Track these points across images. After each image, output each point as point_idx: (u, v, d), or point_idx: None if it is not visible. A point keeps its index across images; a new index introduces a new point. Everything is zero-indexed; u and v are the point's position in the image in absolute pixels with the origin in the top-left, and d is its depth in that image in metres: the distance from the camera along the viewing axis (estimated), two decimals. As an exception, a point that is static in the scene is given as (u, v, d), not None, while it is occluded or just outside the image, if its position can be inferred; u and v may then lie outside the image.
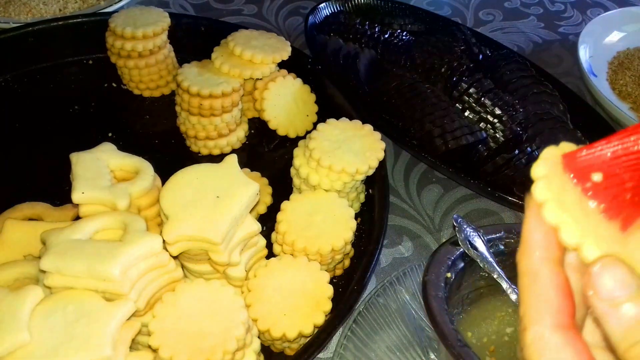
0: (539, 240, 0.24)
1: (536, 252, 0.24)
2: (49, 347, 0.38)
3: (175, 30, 0.73)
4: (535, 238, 0.25)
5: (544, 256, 0.24)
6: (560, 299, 0.24)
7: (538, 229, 0.25)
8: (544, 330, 0.23)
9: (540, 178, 0.24)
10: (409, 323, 0.53)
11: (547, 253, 0.24)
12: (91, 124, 0.70)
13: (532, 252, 0.25)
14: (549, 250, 0.24)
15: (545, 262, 0.24)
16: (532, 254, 0.24)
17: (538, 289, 0.24)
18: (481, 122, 0.72)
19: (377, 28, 0.84)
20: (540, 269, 0.24)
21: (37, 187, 0.61)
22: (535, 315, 0.24)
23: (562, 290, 0.24)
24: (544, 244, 0.24)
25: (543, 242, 0.24)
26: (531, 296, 0.24)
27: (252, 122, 0.71)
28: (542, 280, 0.24)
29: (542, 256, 0.24)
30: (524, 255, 0.25)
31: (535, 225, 0.25)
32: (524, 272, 0.25)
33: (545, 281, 0.24)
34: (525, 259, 0.25)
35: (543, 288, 0.24)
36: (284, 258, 0.51)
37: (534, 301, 0.24)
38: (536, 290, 0.24)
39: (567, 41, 0.97)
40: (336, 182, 0.55)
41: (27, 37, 0.74)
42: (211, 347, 0.41)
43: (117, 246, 0.42)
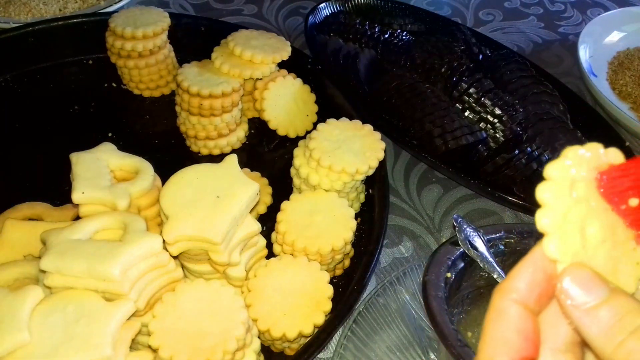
0: (521, 285, 0.24)
1: (511, 293, 0.24)
2: (49, 347, 0.38)
3: (175, 30, 0.73)
4: (517, 281, 0.24)
5: (517, 299, 0.24)
6: (520, 342, 0.23)
7: (525, 276, 0.24)
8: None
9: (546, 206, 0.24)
10: (409, 323, 0.53)
11: (523, 299, 0.24)
12: (91, 124, 0.70)
13: (507, 292, 0.24)
14: (527, 296, 0.24)
15: (516, 304, 0.24)
16: (507, 293, 0.24)
17: (500, 328, 0.24)
18: (481, 122, 0.72)
19: (377, 28, 0.84)
20: (508, 309, 0.24)
21: (37, 187, 0.61)
22: (492, 353, 0.23)
23: (524, 335, 0.24)
24: (523, 288, 0.24)
25: (524, 287, 0.24)
26: (491, 333, 0.24)
27: (252, 122, 0.71)
28: (507, 320, 0.24)
29: (515, 298, 0.24)
30: (500, 292, 0.25)
31: (526, 272, 0.24)
32: (493, 307, 0.24)
33: (509, 321, 0.24)
34: (498, 296, 0.25)
35: (505, 327, 0.24)
36: (284, 258, 0.51)
37: (493, 339, 0.24)
38: (498, 328, 0.24)
39: (567, 41, 0.97)
40: (336, 182, 0.55)
41: (27, 37, 0.74)
42: (211, 347, 0.41)
43: (117, 246, 0.42)
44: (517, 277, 0.24)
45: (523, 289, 0.24)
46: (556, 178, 0.24)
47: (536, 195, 0.24)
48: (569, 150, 0.24)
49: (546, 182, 0.24)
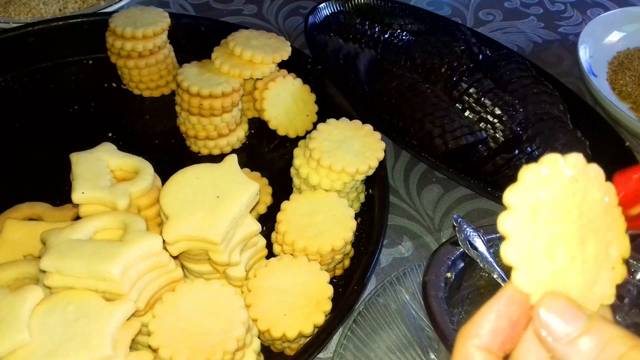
0: (483, 331, 0.24)
1: (474, 340, 0.24)
2: (49, 347, 0.38)
3: (175, 30, 0.73)
4: (480, 327, 0.24)
5: (480, 345, 0.24)
6: None
7: (489, 320, 0.24)
8: None
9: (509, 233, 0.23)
10: (409, 323, 0.53)
11: (485, 345, 0.24)
12: (91, 124, 0.70)
13: (469, 337, 0.24)
14: (489, 342, 0.24)
15: (480, 351, 0.24)
16: (469, 339, 0.24)
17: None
18: (481, 122, 0.72)
19: (377, 28, 0.84)
20: (474, 355, 0.24)
21: (37, 187, 0.61)
22: None
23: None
24: (486, 336, 0.24)
25: (487, 333, 0.24)
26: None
27: (252, 122, 0.71)
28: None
29: (479, 345, 0.24)
30: (461, 337, 0.25)
31: (489, 317, 0.24)
32: (457, 353, 0.24)
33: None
34: (460, 342, 0.24)
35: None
36: (284, 258, 0.51)
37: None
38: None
39: (567, 41, 0.97)
40: (336, 182, 0.55)
41: (27, 37, 0.74)
42: (211, 347, 0.41)
43: (117, 246, 0.42)
44: (480, 324, 0.24)
45: (485, 335, 0.24)
46: (516, 206, 0.24)
47: (498, 227, 0.24)
48: (525, 172, 0.24)
49: (507, 212, 0.24)
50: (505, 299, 0.24)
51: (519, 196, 0.24)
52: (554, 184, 0.24)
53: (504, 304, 0.24)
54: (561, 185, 0.24)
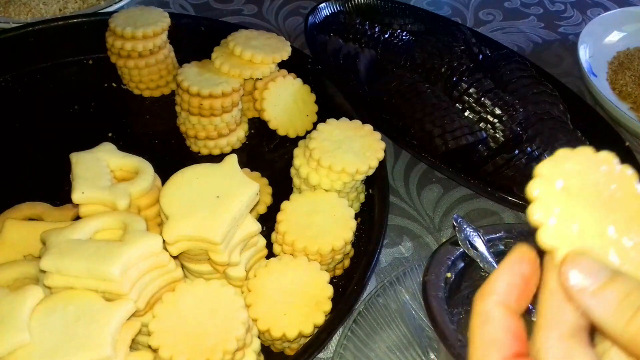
0: (500, 287, 0.26)
1: (493, 297, 0.25)
2: (49, 347, 0.38)
3: (175, 30, 0.73)
4: (497, 284, 0.26)
5: (499, 301, 0.25)
6: (509, 339, 0.25)
7: (503, 277, 0.26)
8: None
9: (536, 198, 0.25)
10: (409, 323, 0.53)
11: (504, 300, 0.25)
12: (91, 124, 0.70)
13: (488, 295, 0.26)
14: (506, 297, 0.25)
15: (499, 306, 0.25)
16: (488, 297, 0.26)
17: (487, 329, 0.25)
18: (481, 122, 0.72)
19: (377, 28, 0.84)
20: (492, 311, 0.25)
21: (37, 187, 0.61)
22: (483, 354, 0.24)
23: (511, 331, 0.25)
24: (503, 291, 0.25)
25: (503, 289, 0.25)
26: (479, 336, 0.25)
27: (252, 122, 0.71)
28: (492, 321, 0.25)
29: (497, 300, 0.25)
30: (480, 297, 0.26)
31: (502, 273, 0.26)
32: (476, 313, 0.26)
33: (495, 322, 0.25)
34: (479, 301, 0.26)
35: (492, 328, 0.25)
36: (284, 258, 0.51)
37: (482, 341, 0.25)
38: (485, 330, 0.25)
39: (567, 41, 0.97)
40: (336, 182, 0.55)
41: (27, 37, 0.74)
42: (211, 347, 0.41)
43: (117, 246, 0.42)
44: (496, 282, 0.26)
45: (502, 291, 0.25)
46: (546, 175, 0.25)
47: (527, 193, 0.25)
48: (560, 150, 0.26)
49: (536, 179, 0.25)
50: (516, 258, 0.26)
51: (549, 167, 0.26)
52: (583, 164, 0.26)
53: (515, 262, 0.26)
54: (590, 166, 0.26)
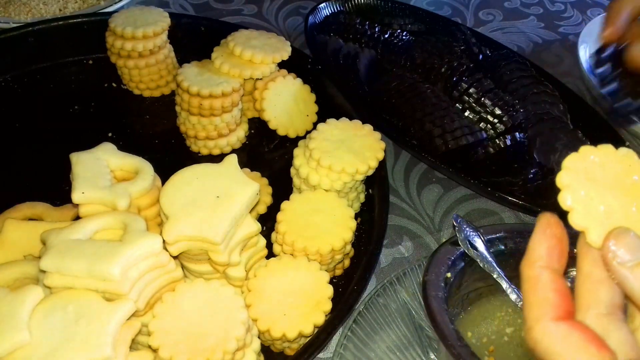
0: (541, 253, 0.28)
1: (538, 262, 0.28)
2: (49, 347, 0.38)
3: (175, 30, 0.73)
4: (538, 250, 0.28)
5: (544, 265, 0.28)
6: (558, 298, 0.27)
7: (542, 243, 0.28)
8: (548, 324, 0.27)
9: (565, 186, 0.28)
10: (409, 323, 0.53)
11: (547, 263, 0.28)
12: (91, 124, 0.70)
13: (534, 262, 0.28)
14: (549, 261, 0.28)
15: (545, 270, 0.28)
16: (534, 263, 0.28)
17: (539, 292, 0.28)
18: (481, 122, 0.72)
19: (377, 28, 0.84)
20: (540, 275, 0.28)
21: (37, 187, 0.61)
22: (539, 313, 0.27)
23: (559, 291, 0.27)
24: (545, 255, 0.28)
25: (544, 254, 0.28)
26: (533, 298, 0.28)
27: (252, 122, 0.71)
28: (542, 284, 0.28)
29: (542, 265, 0.28)
30: (526, 264, 0.29)
31: (540, 240, 0.28)
32: (527, 278, 0.28)
33: (544, 285, 0.28)
34: (526, 268, 0.29)
35: (542, 290, 0.28)
36: (284, 258, 0.51)
37: (536, 302, 0.27)
38: (537, 293, 0.28)
39: (567, 41, 0.97)
40: (336, 182, 0.55)
41: (27, 37, 0.74)
42: (211, 347, 0.41)
43: (117, 246, 0.42)
44: (537, 247, 0.28)
45: (545, 255, 0.28)
46: (572, 166, 0.28)
47: (556, 182, 0.28)
48: (584, 147, 0.29)
49: (564, 170, 0.28)
50: (545, 224, 0.29)
51: (575, 160, 0.28)
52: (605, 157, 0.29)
53: (546, 227, 0.29)
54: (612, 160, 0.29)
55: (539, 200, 0.63)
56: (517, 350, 0.48)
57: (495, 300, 0.49)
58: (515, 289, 0.47)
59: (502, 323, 0.49)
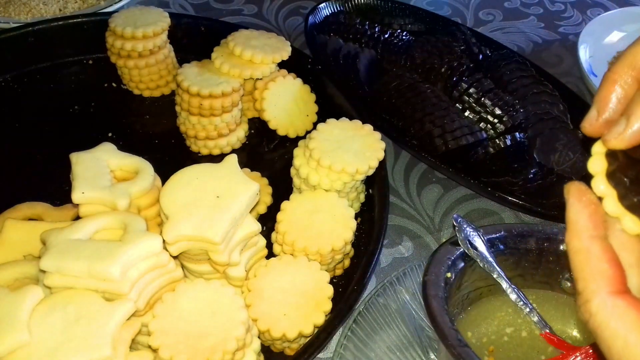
0: (585, 222, 0.28)
1: (585, 232, 0.27)
2: (49, 347, 0.38)
3: (175, 30, 0.73)
4: (581, 220, 0.28)
5: (592, 235, 0.27)
6: (613, 269, 0.27)
7: (583, 212, 0.28)
8: (606, 298, 0.26)
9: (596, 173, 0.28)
10: (409, 323, 0.53)
11: (595, 232, 0.27)
12: (91, 124, 0.70)
13: (580, 232, 0.27)
14: (595, 229, 0.27)
15: (594, 239, 0.27)
16: (581, 234, 0.27)
17: (592, 264, 0.27)
18: (481, 122, 0.72)
19: (377, 28, 0.84)
20: (591, 246, 0.27)
21: (37, 187, 0.61)
22: (595, 287, 0.26)
23: (613, 262, 0.27)
24: (590, 224, 0.27)
25: (589, 223, 0.27)
26: (587, 271, 0.27)
27: (252, 122, 0.71)
28: (594, 255, 0.27)
29: (590, 235, 0.27)
30: (574, 236, 0.28)
31: (580, 209, 0.28)
32: (576, 251, 0.28)
33: (597, 256, 0.27)
34: (575, 240, 0.28)
35: (596, 262, 0.27)
36: (284, 258, 0.51)
37: (591, 275, 0.27)
38: (591, 265, 0.27)
39: (567, 41, 0.97)
40: (336, 182, 0.55)
41: (27, 37, 0.74)
42: (211, 347, 0.41)
43: (117, 246, 0.42)
44: (579, 217, 0.28)
45: (590, 224, 0.27)
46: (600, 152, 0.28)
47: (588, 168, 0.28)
48: None
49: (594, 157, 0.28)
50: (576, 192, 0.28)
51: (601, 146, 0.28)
52: None
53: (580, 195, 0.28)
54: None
55: (539, 200, 0.63)
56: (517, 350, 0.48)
57: (495, 300, 0.49)
58: (515, 289, 0.47)
59: (502, 323, 0.49)
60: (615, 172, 0.27)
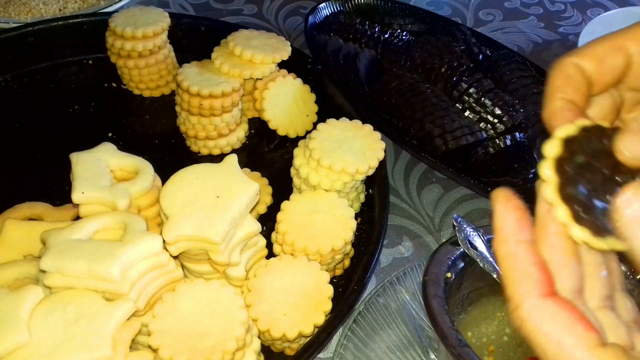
0: (511, 227, 0.27)
1: (511, 237, 0.27)
2: (49, 347, 0.38)
3: (175, 30, 0.73)
4: (507, 226, 0.27)
5: (518, 239, 0.27)
6: (540, 272, 0.26)
7: (509, 218, 0.27)
8: (536, 301, 0.26)
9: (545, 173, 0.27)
10: (409, 323, 0.53)
11: (521, 236, 0.27)
12: (91, 124, 0.70)
13: (507, 238, 0.27)
14: (522, 234, 0.27)
15: (520, 244, 0.27)
16: (508, 239, 0.27)
17: (519, 268, 0.26)
18: (481, 122, 0.72)
19: (377, 28, 0.84)
20: (518, 251, 0.27)
21: (37, 187, 0.61)
22: (523, 291, 0.26)
23: (540, 265, 0.26)
24: (516, 229, 0.27)
25: (515, 228, 0.27)
26: (515, 275, 0.27)
27: (252, 122, 0.71)
28: (521, 259, 0.27)
29: (516, 240, 0.27)
30: (501, 242, 0.27)
31: (506, 215, 0.27)
32: (504, 257, 0.27)
33: (524, 260, 0.27)
34: (502, 246, 0.27)
35: (523, 266, 0.26)
36: (284, 258, 0.51)
37: (519, 279, 0.26)
38: (518, 269, 0.26)
39: (567, 41, 0.97)
40: (336, 182, 0.55)
41: (27, 37, 0.74)
42: (211, 347, 0.41)
43: (117, 246, 0.42)
44: (505, 223, 0.27)
45: (516, 228, 0.27)
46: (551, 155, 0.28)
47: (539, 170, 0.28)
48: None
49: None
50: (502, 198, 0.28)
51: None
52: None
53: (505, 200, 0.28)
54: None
55: (539, 200, 0.63)
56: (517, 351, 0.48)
57: (495, 300, 0.49)
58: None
59: (502, 323, 0.49)
60: (564, 159, 0.27)
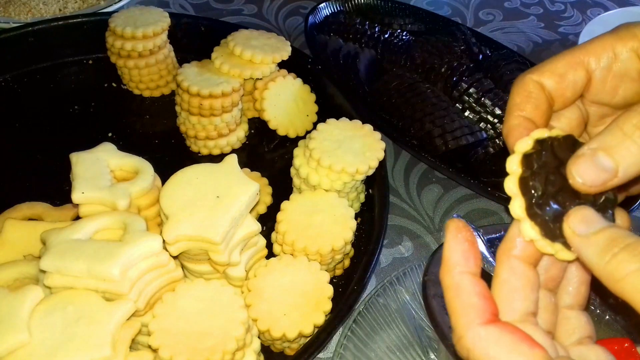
0: (457, 259, 0.28)
1: (455, 269, 0.28)
2: (49, 347, 0.38)
3: (175, 30, 0.73)
4: (453, 257, 0.28)
5: (462, 270, 0.28)
6: (482, 301, 0.27)
7: (456, 249, 0.28)
8: (478, 329, 0.26)
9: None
10: (409, 323, 0.53)
11: (465, 268, 0.28)
12: (91, 124, 0.70)
13: (452, 269, 0.28)
14: (466, 265, 0.28)
15: (464, 275, 0.28)
16: (452, 270, 0.28)
17: (462, 299, 0.27)
18: (481, 122, 0.72)
19: (377, 28, 0.84)
20: (461, 282, 0.27)
21: (37, 187, 0.61)
22: (466, 321, 0.27)
23: (482, 295, 0.27)
24: (462, 260, 0.28)
25: (461, 259, 0.28)
26: (458, 306, 0.27)
27: (252, 122, 0.71)
28: (464, 290, 0.27)
29: (460, 271, 0.28)
30: (446, 273, 0.28)
31: (454, 246, 0.28)
32: (448, 287, 0.28)
33: (466, 291, 0.27)
34: (446, 276, 0.28)
35: (466, 297, 0.27)
36: (284, 258, 0.51)
37: (461, 309, 0.27)
38: (460, 300, 0.27)
39: (567, 41, 0.97)
40: (336, 182, 0.55)
41: (27, 37, 0.74)
42: (211, 347, 0.41)
43: (117, 246, 0.42)
44: (452, 254, 0.28)
45: (461, 260, 0.28)
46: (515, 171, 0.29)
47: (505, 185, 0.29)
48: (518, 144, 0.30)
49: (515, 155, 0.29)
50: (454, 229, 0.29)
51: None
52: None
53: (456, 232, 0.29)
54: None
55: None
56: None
57: (495, 300, 0.49)
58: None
59: (502, 323, 0.49)
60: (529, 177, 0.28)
